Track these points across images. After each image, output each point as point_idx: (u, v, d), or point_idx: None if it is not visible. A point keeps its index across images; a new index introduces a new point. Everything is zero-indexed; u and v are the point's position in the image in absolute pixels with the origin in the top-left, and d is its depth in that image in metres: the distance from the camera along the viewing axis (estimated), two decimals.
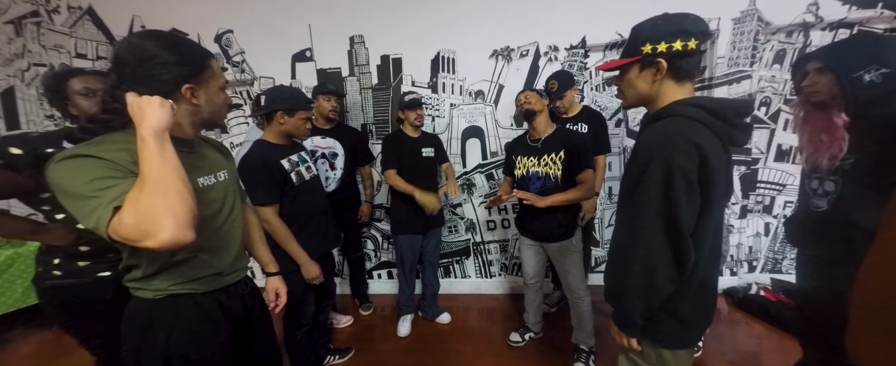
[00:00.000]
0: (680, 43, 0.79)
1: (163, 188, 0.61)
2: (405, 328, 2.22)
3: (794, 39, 2.11)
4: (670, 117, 0.81)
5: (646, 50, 0.83)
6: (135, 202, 0.60)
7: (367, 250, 2.71)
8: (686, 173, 0.74)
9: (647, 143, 0.80)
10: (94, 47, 2.58)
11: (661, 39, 0.80)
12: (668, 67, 0.81)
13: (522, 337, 2.04)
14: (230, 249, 0.93)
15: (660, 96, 0.86)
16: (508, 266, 2.66)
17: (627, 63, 0.87)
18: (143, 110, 0.67)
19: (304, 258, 1.48)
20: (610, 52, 2.27)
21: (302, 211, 1.52)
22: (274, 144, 1.50)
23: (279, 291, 1.19)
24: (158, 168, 0.63)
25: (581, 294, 1.76)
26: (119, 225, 0.60)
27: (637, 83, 0.87)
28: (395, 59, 2.42)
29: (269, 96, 1.48)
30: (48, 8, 2.52)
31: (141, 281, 0.82)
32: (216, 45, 2.47)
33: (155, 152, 0.64)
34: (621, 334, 0.90)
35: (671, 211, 0.75)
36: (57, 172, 0.65)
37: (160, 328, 0.82)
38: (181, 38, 0.80)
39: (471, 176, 2.53)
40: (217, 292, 0.90)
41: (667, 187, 0.75)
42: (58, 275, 1.10)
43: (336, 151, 2.18)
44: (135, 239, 0.60)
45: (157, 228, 0.59)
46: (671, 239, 0.77)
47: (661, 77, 0.83)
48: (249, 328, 1.01)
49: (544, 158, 1.66)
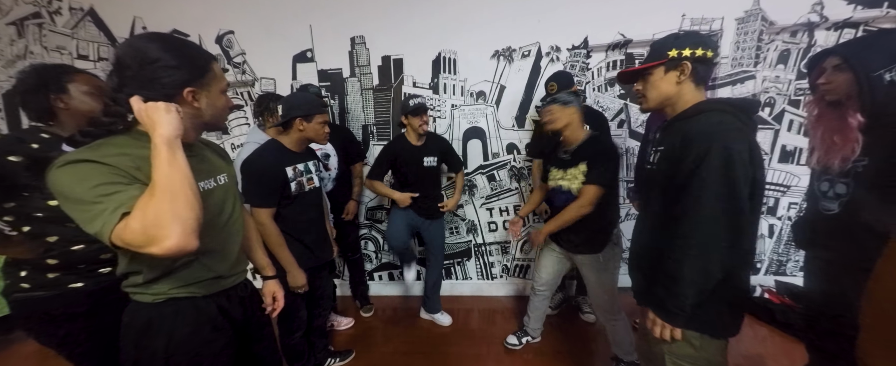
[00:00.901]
0: (701, 51, 0.89)
1: (172, 195, 0.62)
2: (411, 276, 2.29)
3: (798, 39, 2.09)
4: (707, 113, 0.88)
5: (672, 54, 0.90)
6: (143, 208, 0.61)
7: (368, 252, 2.71)
8: (744, 159, 0.79)
9: (699, 132, 0.84)
10: (96, 48, 2.58)
11: (686, 46, 0.89)
12: (691, 70, 0.90)
13: (519, 341, 2.01)
14: (230, 252, 0.93)
15: (681, 98, 0.93)
16: (510, 268, 2.65)
17: (653, 66, 0.94)
18: (152, 118, 0.68)
19: (291, 265, 1.46)
20: (612, 52, 2.25)
21: (290, 220, 1.49)
22: (287, 150, 1.49)
23: (276, 294, 1.19)
24: (169, 175, 0.64)
25: (608, 317, 1.65)
26: (125, 230, 0.60)
27: (661, 85, 0.94)
28: (396, 60, 2.41)
29: (285, 105, 1.48)
30: (50, 9, 2.53)
31: (141, 286, 0.81)
32: (217, 47, 2.47)
33: (166, 160, 0.65)
34: (665, 324, 0.91)
35: (732, 195, 0.79)
36: (59, 178, 0.65)
37: (160, 332, 0.81)
38: (183, 41, 0.79)
39: (472, 177, 2.52)
40: (217, 295, 0.90)
41: (726, 172, 0.79)
42: (26, 288, 1.03)
43: (328, 152, 2.18)
44: (139, 245, 0.60)
45: (163, 235, 0.59)
46: (730, 224, 0.80)
47: (684, 79, 0.91)
48: (249, 331, 1.01)
49: (571, 171, 1.56)
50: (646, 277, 1.01)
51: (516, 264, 2.63)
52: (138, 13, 2.49)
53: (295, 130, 1.48)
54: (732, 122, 0.84)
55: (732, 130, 0.82)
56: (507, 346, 2.01)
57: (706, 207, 0.81)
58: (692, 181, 0.82)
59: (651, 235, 0.98)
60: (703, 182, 0.81)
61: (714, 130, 0.83)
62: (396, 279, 2.78)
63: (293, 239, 1.49)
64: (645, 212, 1.06)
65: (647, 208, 1.03)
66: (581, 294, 2.30)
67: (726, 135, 0.80)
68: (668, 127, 0.97)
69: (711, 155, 0.79)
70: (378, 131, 2.53)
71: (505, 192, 2.52)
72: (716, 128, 0.83)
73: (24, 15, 2.54)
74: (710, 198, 0.80)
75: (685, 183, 0.84)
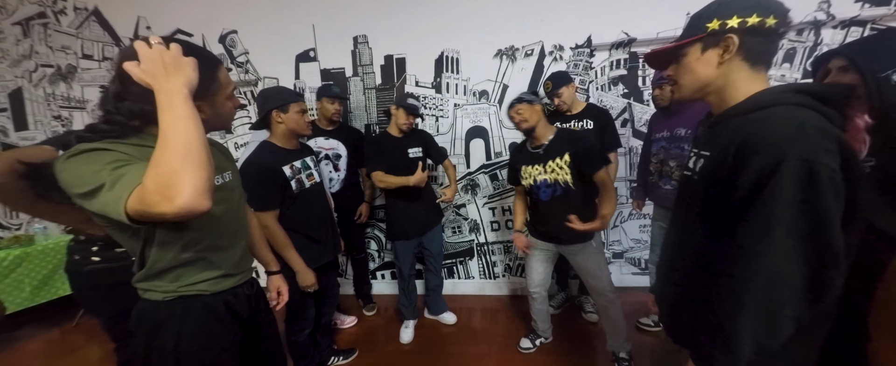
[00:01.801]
0: (756, 17, 0.65)
1: (186, 151, 0.58)
2: (407, 335, 2.17)
3: (804, 38, 2.07)
4: (773, 107, 0.64)
5: (712, 27, 0.69)
6: (155, 165, 0.57)
7: (370, 251, 2.71)
8: (833, 177, 0.55)
9: (763, 138, 0.60)
10: (100, 48, 2.59)
11: (734, 14, 0.67)
12: (739, 46, 0.67)
13: (533, 343, 2.00)
14: (236, 249, 0.93)
15: (729, 84, 0.71)
16: (512, 267, 2.65)
17: (685, 44, 0.73)
18: (178, 64, 0.63)
19: (300, 266, 1.46)
20: (616, 51, 2.24)
21: (299, 218, 1.49)
22: (279, 148, 1.48)
23: (281, 289, 1.21)
24: (186, 127, 0.59)
25: (610, 297, 1.66)
26: (142, 191, 0.57)
27: (697, 67, 0.72)
28: (399, 59, 2.41)
29: (258, 102, 1.47)
30: (55, 9, 2.54)
31: (148, 282, 0.82)
32: (220, 46, 2.48)
33: (185, 108, 0.60)
34: None
35: (816, 228, 0.56)
36: (67, 169, 0.64)
37: (170, 330, 0.82)
38: (189, 47, 0.75)
39: (475, 176, 2.52)
40: (224, 293, 0.90)
41: (807, 197, 0.56)
42: (97, 261, 1.24)
43: (339, 153, 2.18)
44: (152, 204, 0.56)
45: (175, 193, 0.56)
46: (811, 265, 0.58)
47: (728, 58, 0.69)
48: (255, 329, 1.01)
49: (549, 165, 1.59)
50: (680, 310, 0.80)
51: (519, 264, 2.63)
52: (142, 13, 2.50)
53: (275, 124, 1.45)
54: (814, 120, 0.59)
55: (815, 133, 0.57)
56: (521, 350, 1.98)
57: (774, 245, 0.57)
58: (755, 208, 0.59)
59: (692, 260, 0.76)
60: (771, 213, 0.57)
61: (786, 134, 0.58)
62: (397, 278, 2.78)
63: (302, 236, 1.49)
64: (680, 227, 0.82)
65: (684, 224, 0.80)
66: (583, 293, 2.29)
67: (806, 142, 0.56)
68: (717, 124, 0.74)
69: (784, 173, 0.56)
70: (380, 130, 2.53)
71: (508, 191, 2.52)
72: (788, 132, 0.58)
73: (29, 15, 2.55)
74: (780, 234, 0.57)
75: (742, 207, 0.61)
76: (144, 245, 0.77)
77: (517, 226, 1.82)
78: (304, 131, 1.54)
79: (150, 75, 0.62)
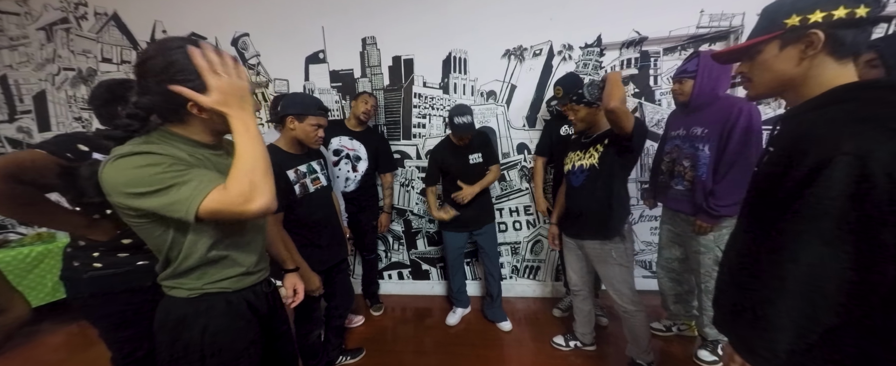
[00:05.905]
0: (844, 10, 0.60)
1: (266, 164, 0.73)
2: (453, 319, 2.34)
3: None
4: (847, 102, 0.60)
5: (792, 23, 0.64)
6: (238, 178, 0.70)
7: (379, 251, 2.72)
8: (891, 173, 0.51)
9: (819, 130, 0.58)
10: (119, 52, 2.68)
11: (816, 7, 0.62)
12: (824, 42, 0.62)
13: (567, 343, 1.98)
14: (255, 247, 0.95)
15: (810, 79, 0.65)
16: (520, 269, 2.62)
17: (762, 41, 0.68)
18: (245, 93, 0.74)
19: (304, 269, 1.45)
20: (626, 50, 2.20)
21: (302, 222, 1.49)
22: (284, 152, 1.49)
23: (297, 287, 1.24)
24: (261, 146, 0.73)
25: (631, 310, 1.61)
26: (226, 196, 0.68)
27: (776, 65, 0.67)
28: (407, 60, 2.41)
29: (283, 102, 1.48)
30: (77, 14, 2.63)
31: (174, 279, 0.84)
32: (233, 48, 2.53)
33: (257, 130, 0.74)
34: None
35: (865, 233, 0.53)
36: (117, 172, 0.69)
37: (195, 326, 0.84)
38: None
39: None
40: (245, 290, 0.92)
41: (856, 195, 0.53)
42: (98, 267, 1.18)
43: (360, 155, 2.20)
44: (235, 205, 0.68)
45: (257, 195, 0.69)
46: (859, 261, 0.55)
47: (812, 54, 0.64)
48: (272, 327, 1.03)
49: (589, 151, 1.57)
50: (722, 299, 0.79)
51: (526, 265, 2.61)
52: (158, 17, 2.57)
53: (286, 128, 1.47)
54: (886, 114, 0.54)
55: (877, 126, 0.53)
56: (553, 345, 2.00)
57: (811, 248, 0.56)
58: (797, 203, 0.57)
59: (738, 249, 0.75)
60: (812, 211, 0.55)
61: (844, 126, 0.55)
62: (405, 278, 2.79)
63: (305, 240, 1.49)
64: (744, 224, 0.79)
65: (746, 219, 0.77)
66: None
67: (864, 136, 0.53)
68: (788, 119, 0.70)
69: (835, 169, 0.53)
70: (388, 132, 2.54)
71: (515, 192, 2.50)
72: (847, 125, 0.55)
73: (52, 20, 2.65)
74: (814, 236, 0.56)
75: (786, 201, 0.59)
76: (171, 245, 0.80)
77: (555, 218, 1.86)
78: (313, 145, 1.53)
79: (224, 105, 0.72)
